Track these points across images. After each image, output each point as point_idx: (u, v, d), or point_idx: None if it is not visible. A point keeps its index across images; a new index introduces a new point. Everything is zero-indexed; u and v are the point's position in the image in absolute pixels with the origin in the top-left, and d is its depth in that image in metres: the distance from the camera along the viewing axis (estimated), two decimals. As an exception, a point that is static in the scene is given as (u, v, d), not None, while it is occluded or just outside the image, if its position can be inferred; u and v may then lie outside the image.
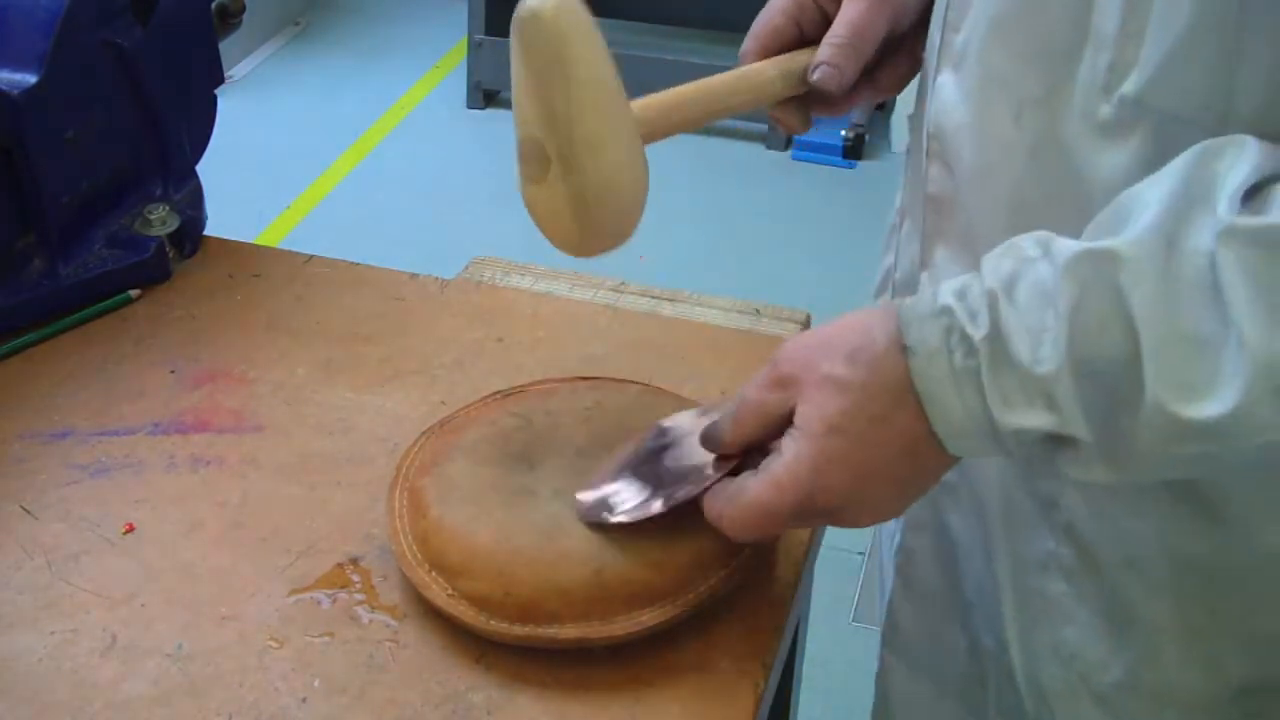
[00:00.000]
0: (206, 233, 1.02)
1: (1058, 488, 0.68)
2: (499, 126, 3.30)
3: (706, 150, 3.15)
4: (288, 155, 3.16)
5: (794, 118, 0.80)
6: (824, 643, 1.85)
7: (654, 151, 0.71)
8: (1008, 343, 0.55)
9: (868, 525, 0.65)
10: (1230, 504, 0.63)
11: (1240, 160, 0.53)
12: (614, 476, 0.71)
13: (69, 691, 0.66)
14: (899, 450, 0.60)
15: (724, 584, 0.69)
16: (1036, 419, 0.56)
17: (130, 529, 0.76)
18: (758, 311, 0.96)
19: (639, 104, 0.72)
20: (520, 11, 0.65)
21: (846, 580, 2.00)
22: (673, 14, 3.60)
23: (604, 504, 0.70)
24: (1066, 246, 0.55)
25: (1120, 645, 0.68)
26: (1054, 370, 0.54)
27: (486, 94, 3.36)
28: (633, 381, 0.82)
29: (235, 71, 3.47)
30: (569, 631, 0.66)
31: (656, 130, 0.73)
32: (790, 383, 0.63)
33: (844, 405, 0.60)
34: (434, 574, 0.69)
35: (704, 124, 0.75)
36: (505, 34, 0.68)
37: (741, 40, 0.80)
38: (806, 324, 0.95)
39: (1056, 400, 0.55)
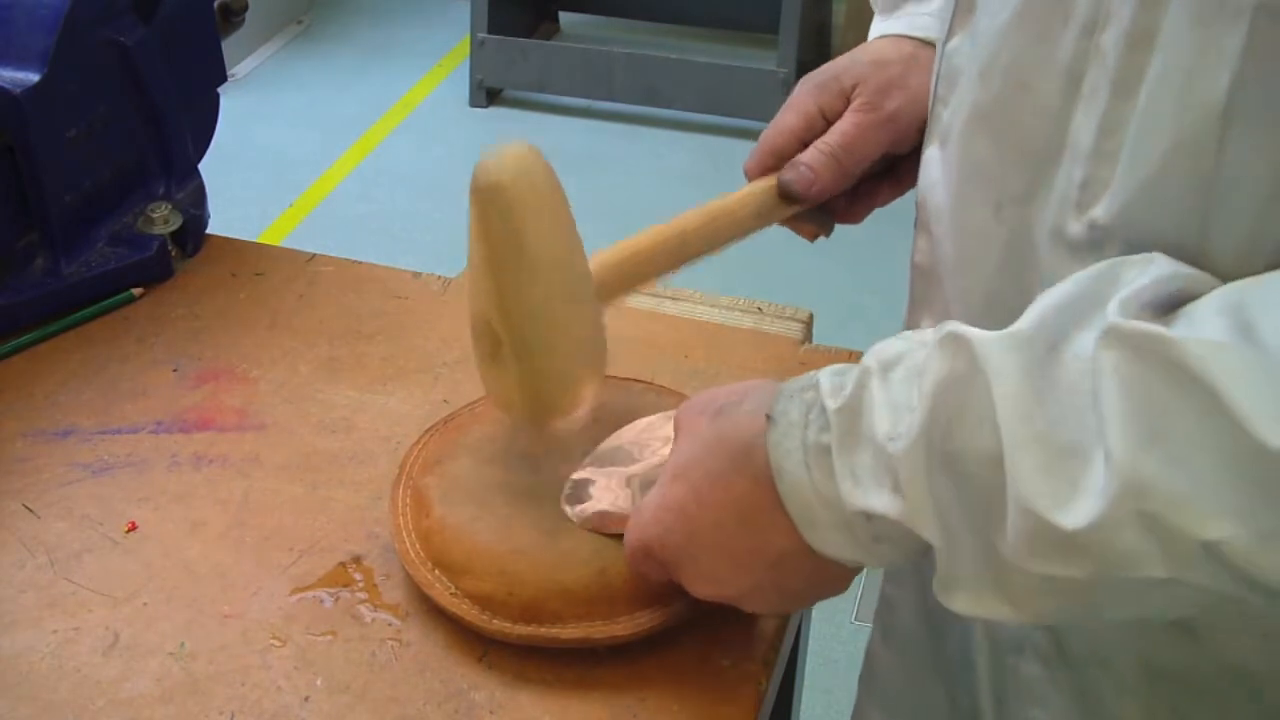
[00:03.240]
0: (209, 231, 1.02)
1: None
2: (502, 125, 3.30)
3: (708, 149, 3.15)
4: (290, 154, 3.16)
5: (807, 228, 0.80)
6: (826, 642, 1.86)
7: (655, 150, 0.70)
8: (864, 417, 0.53)
9: (707, 596, 0.63)
10: (1207, 623, 0.60)
11: (1147, 270, 0.50)
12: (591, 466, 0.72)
13: (71, 690, 0.66)
14: (735, 516, 0.59)
15: (727, 583, 0.69)
16: (882, 502, 0.53)
17: (133, 528, 0.76)
18: (760, 310, 0.95)
19: (599, 264, 0.70)
20: (479, 181, 0.63)
21: (849, 579, 2.00)
22: (675, 13, 3.60)
23: (579, 492, 0.70)
24: (950, 325, 0.52)
25: None
26: (905, 448, 0.51)
27: (489, 92, 3.36)
28: (636, 380, 0.82)
29: (238, 70, 3.47)
30: (572, 631, 0.66)
31: (617, 293, 0.72)
32: (676, 429, 0.64)
33: (691, 455, 0.61)
34: (437, 573, 0.69)
35: (668, 274, 0.74)
36: (508, 33, 0.68)
37: (744, 38, 0.80)
38: (809, 323, 0.95)
39: (903, 484, 0.52)
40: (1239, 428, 0.44)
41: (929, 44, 0.78)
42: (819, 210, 0.78)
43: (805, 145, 0.77)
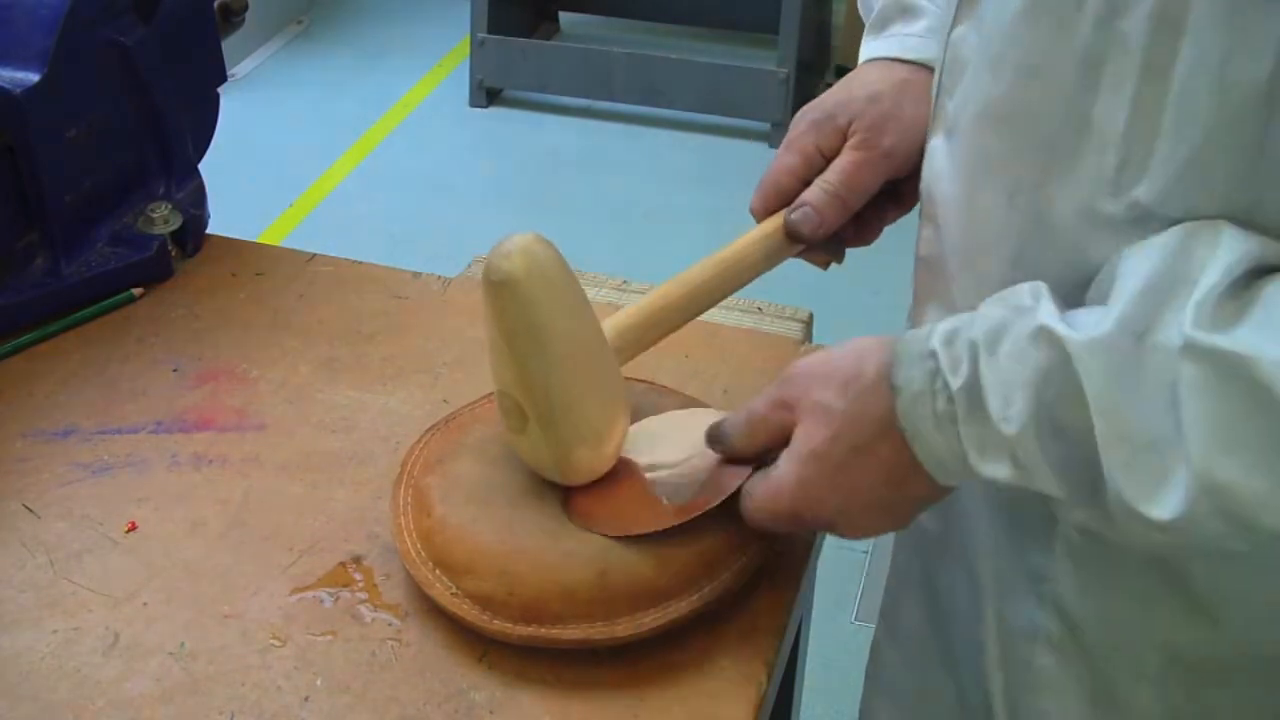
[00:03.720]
0: (209, 231, 1.02)
1: (1049, 561, 0.67)
2: (501, 125, 3.30)
3: (708, 149, 3.15)
4: (290, 153, 3.16)
5: (819, 258, 0.83)
6: (826, 642, 1.85)
7: (655, 150, 0.71)
8: (982, 394, 0.57)
9: (865, 538, 0.67)
10: (1224, 604, 0.62)
11: (1217, 257, 0.53)
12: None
13: (71, 690, 0.66)
14: (882, 479, 0.62)
15: (728, 585, 0.69)
16: (1005, 472, 0.57)
17: (133, 527, 0.76)
18: (760, 310, 0.95)
19: (616, 329, 0.73)
20: (491, 275, 0.66)
21: (849, 579, 2.00)
22: (675, 13, 3.60)
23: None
24: (1044, 312, 0.56)
25: None
26: (1018, 432, 0.56)
27: (489, 92, 3.36)
28: (638, 379, 0.82)
29: (238, 70, 3.47)
30: (572, 632, 0.66)
31: (634, 352, 0.75)
32: (791, 404, 0.65)
33: (829, 433, 0.63)
34: (438, 572, 0.69)
35: (684, 325, 0.77)
36: (508, 32, 0.69)
37: (744, 38, 0.80)
38: (809, 323, 0.95)
39: (1021, 460, 0.57)
40: None
41: (920, 65, 0.79)
42: (829, 239, 0.79)
43: (806, 183, 0.78)
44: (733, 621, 0.70)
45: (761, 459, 0.68)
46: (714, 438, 0.70)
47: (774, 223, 0.78)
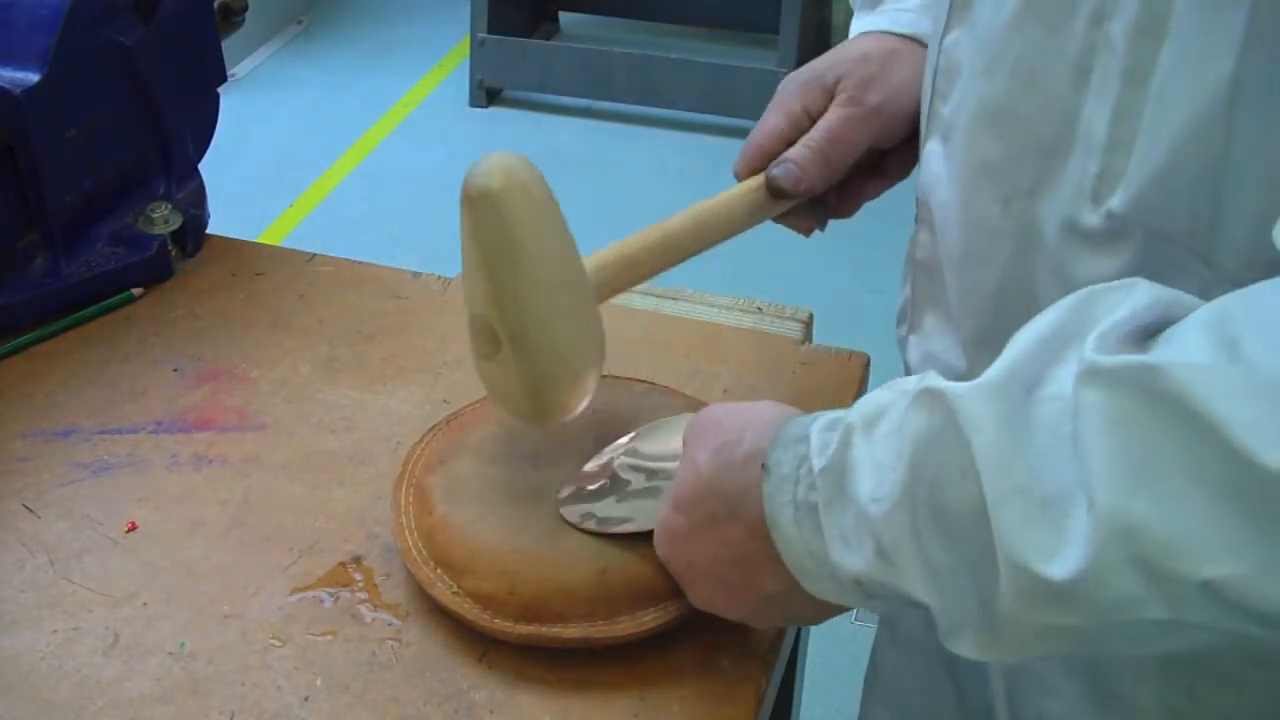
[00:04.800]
0: (209, 231, 1.02)
1: None
2: (502, 125, 3.30)
3: (708, 148, 3.15)
4: (290, 153, 3.16)
5: (802, 223, 0.81)
6: (826, 642, 1.85)
7: (655, 150, 0.71)
8: (849, 476, 0.53)
9: (710, 612, 0.64)
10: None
11: (1125, 300, 0.48)
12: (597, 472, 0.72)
13: (71, 690, 0.66)
14: (729, 557, 0.60)
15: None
16: (869, 566, 0.52)
17: (133, 527, 0.76)
18: (760, 310, 0.95)
19: (594, 263, 0.71)
20: (469, 189, 0.65)
21: (849, 579, 2.00)
22: (675, 13, 3.60)
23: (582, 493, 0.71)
24: (929, 379, 0.51)
25: None
26: (887, 511, 0.51)
27: (489, 92, 3.36)
28: (639, 380, 0.82)
29: (238, 70, 3.47)
30: (573, 631, 0.66)
31: (612, 291, 0.73)
32: (685, 446, 0.64)
33: (690, 491, 0.61)
34: (439, 571, 0.69)
35: (661, 273, 0.75)
36: (508, 32, 0.69)
37: (744, 38, 0.80)
38: (809, 322, 0.95)
39: (888, 548, 0.51)
40: (1233, 452, 0.41)
41: (910, 39, 0.79)
42: (812, 204, 0.79)
43: (792, 144, 0.77)
44: (733, 622, 0.70)
45: None
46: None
47: (757, 180, 0.78)
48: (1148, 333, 0.47)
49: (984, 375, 0.49)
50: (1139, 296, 0.48)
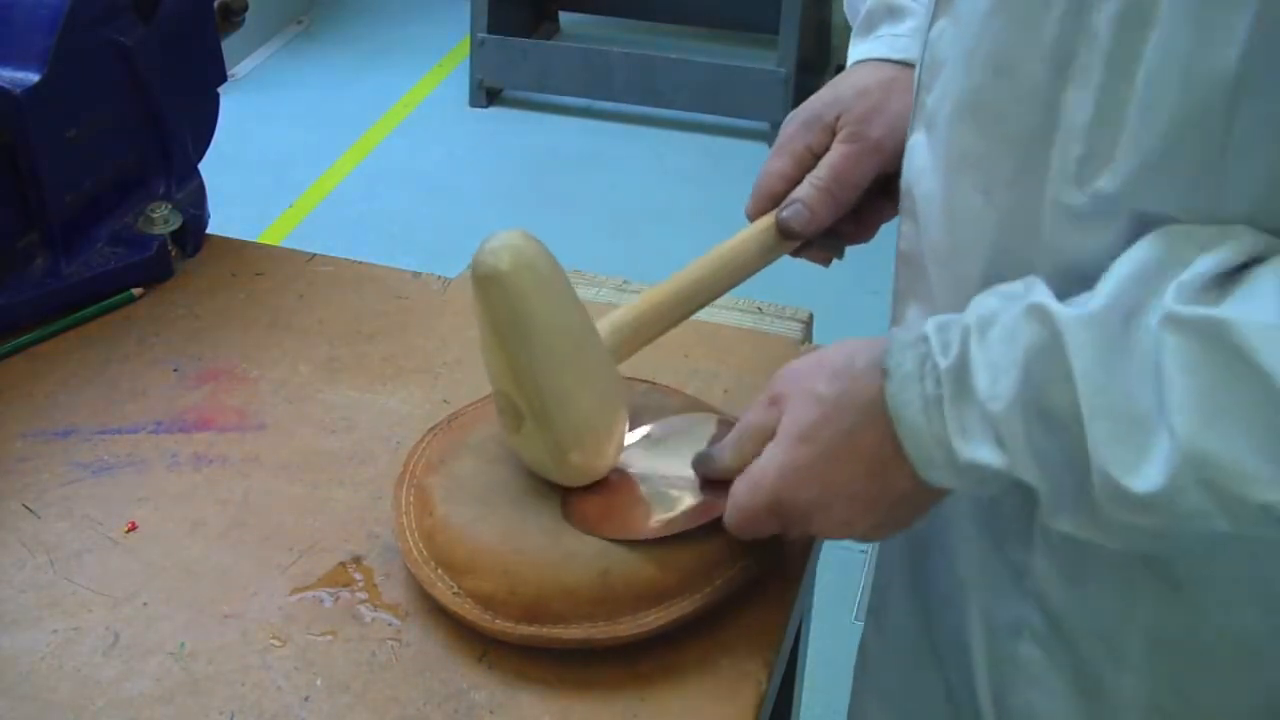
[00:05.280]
0: (209, 231, 1.02)
1: (1029, 556, 0.67)
2: (502, 125, 3.30)
3: (708, 148, 3.15)
4: (290, 154, 3.16)
5: (819, 255, 0.83)
6: (826, 641, 1.85)
7: (655, 150, 0.71)
8: (970, 375, 0.57)
9: (841, 537, 0.66)
10: (1204, 588, 0.62)
11: (1220, 244, 0.53)
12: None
13: (71, 690, 0.66)
14: (865, 468, 0.62)
15: (729, 585, 0.69)
16: (988, 455, 0.57)
17: (133, 527, 0.76)
18: (760, 310, 0.95)
19: (609, 326, 0.73)
20: (478, 270, 0.66)
21: (849, 578, 2.00)
22: (675, 13, 3.60)
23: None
24: (1037, 293, 0.56)
25: (1089, 715, 0.68)
26: (1004, 409, 0.56)
27: (489, 92, 3.36)
28: (640, 380, 0.82)
29: (238, 70, 3.47)
30: (574, 632, 0.66)
31: (629, 351, 0.75)
32: (780, 399, 0.65)
33: (815, 417, 0.63)
34: (439, 571, 0.69)
35: (679, 323, 0.77)
36: (508, 32, 0.69)
37: (744, 38, 0.80)
38: (809, 323, 0.95)
39: (1005, 440, 0.56)
40: None
41: (907, 65, 0.79)
42: (827, 236, 0.80)
43: (798, 184, 0.78)
44: (733, 621, 0.70)
45: None
46: (701, 462, 0.70)
47: (768, 220, 0.79)
48: (1231, 275, 0.52)
49: (1088, 306, 0.54)
50: (1233, 244, 0.53)
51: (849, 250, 0.84)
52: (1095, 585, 0.65)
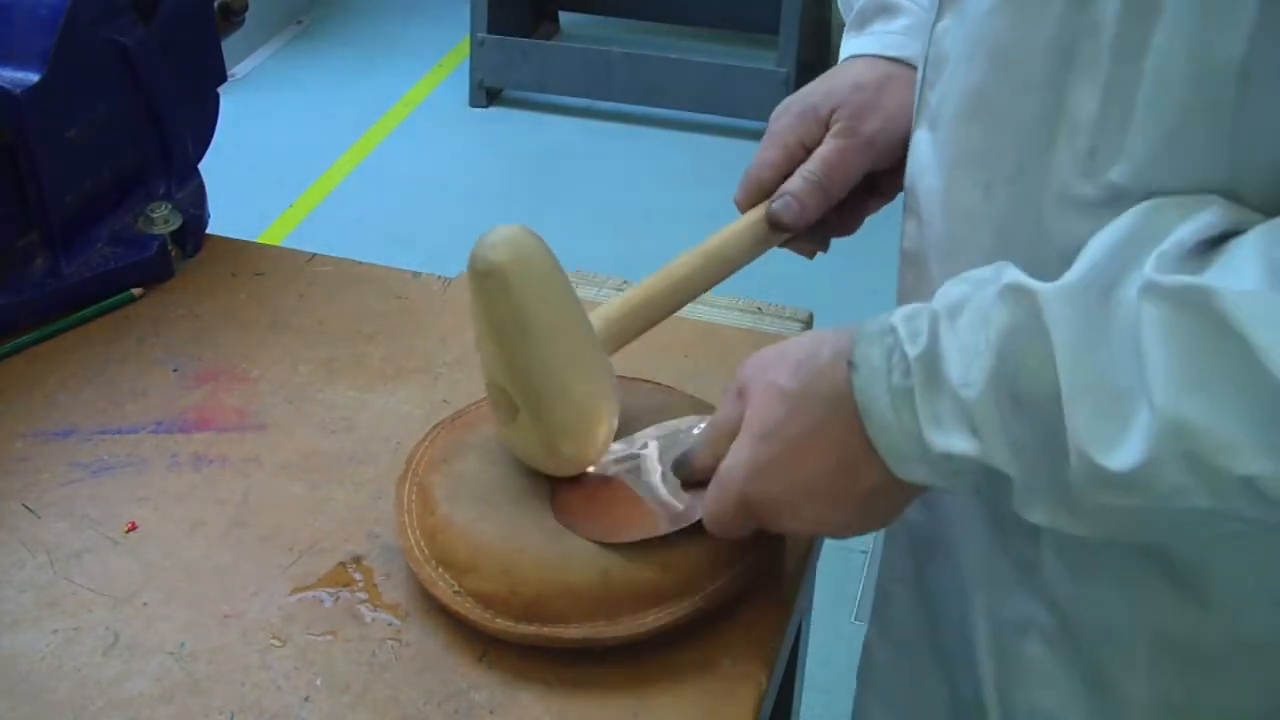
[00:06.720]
0: (209, 231, 1.02)
1: (1037, 553, 0.67)
2: (501, 125, 3.30)
3: (708, 149, 3.15)
4: (290, 154, 3.16)
5: (805, 246, 0.82)
6: (826, 641, 1.85)
7: (655, 150, 0.71)
8: (941, 362, 0.56)
9: (811, 534, 0.66)
10: (1214, 586, 0.62)
11: (1198, 215, 0.52)
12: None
13: (71, 690, 0.66)
14: (834, 463, 0.61)
15: (730, 585, 0.69)
16: (962, 444, 0.56)
17: (133, 527, 0.76)
18: (759, 310, 0.95)
19: (601, 318, 0.73)
20: (476, 264, 0.66)
21: (849, 579, 2.00)
22: (675, 13, 3.60)
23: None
24: (1011, 274, 0.55)
25: (1098, 714, 0.68)
26: (978, 395, 0.55)
27: (489, 92, 3.36)
28: (644, 380, 0.82)
29: (238, 70, 3.47)
30: (574, 631, 0.66)
31: (622, 342, 0.75)
32: (745, 393, 0.65)
33: (779, 413, 0.62)
34: (440, 570, 0.69)
35: (673, 314, 0.77)
36: (508, 32, 0.69)
37: (744, 38, 0.80)
38: (809, 323, 0.95)
39: (979, 428, 0.55)
40: (1267, 372, 0.47)
41: (900, 62, 0.79)
42: (814, 229, 0.80)
43: (788, 176, 0.78)
44: (733, 621, 0.70)
45: None
46: (679, 465, 0.70)
47: (757, 213, 0.79)
48: (1211, 245, 0.51)
49: (1066, 277, 0.53)
50: (1207, 213, 0.52)
51: (849, 250, 0.85)
52: (1103, 583, 0.65)
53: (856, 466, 0.60)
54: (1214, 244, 0.52)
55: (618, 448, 0.74)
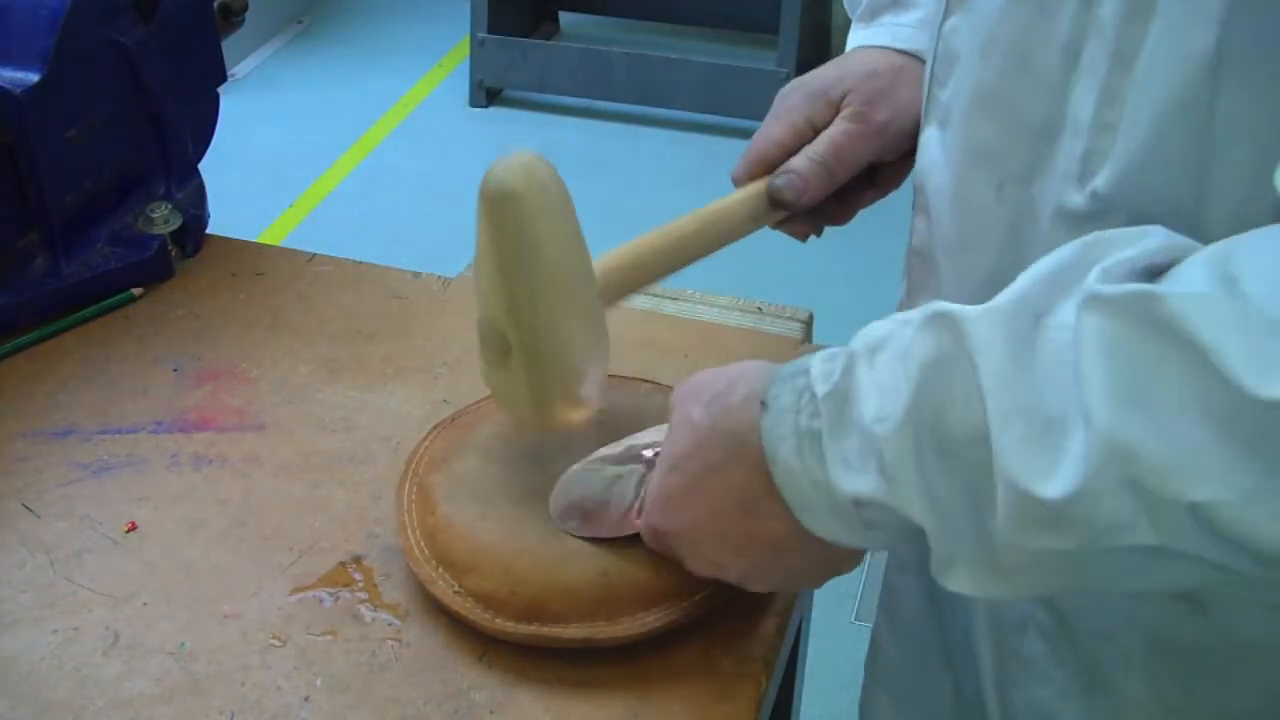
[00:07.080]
0: (209, 231, 1.02)
1: None
2: (501, 125, 3.30)
3: (708, 148, 3.15)
4: (290, 154, 3.16)
5: (799, 228, 0.82)
6: (826, 641, 1.85)
7: (655, 150, 0.71)
8: (852, 402, 0.53)
9: (712, 576, 0.64)
10: (1213, 591, 0.61)
11: (1137, 241, 0.49)
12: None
13: (71, 690, 0.66)
14: (733, 504, 0.59)
15: (730, 586, 0.69)
16: (869, 485, 0.52)
17: (132, 527, 0.76)
18: (760, 310, 0.95)
19: (602, 268, 0.71)
20: (489, 189, 0.63)
21: (849, 579, 1.99)
22: (675, 13, 3.60)
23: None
24: (936, 305, 0.52)
25: (1095, 712, 0.67)
26: (891, 431, 0.51)
27: (489, 92, 3.36)
28: (642, 380, 0.82)
29: (238, 70, 3.47)
30: (574, 631, 0.66)
31: (617, 296, 0.73)
32: (671, 415, 0.64)
33: (687, 446, 0.61)
34: (440, 570, 0.69)
35: (663, 278, 0.76)
36: (508, 32, 0.68)
37: (744, 38, 0.80)
38: (809, 323, 0.95)
39: (889, 467, 0.52)
40: (1223, 380, 0.43)
41: (912, 55, 0.79)
42: (810, 212, 0.79)
43: (793, 154, 0.78)
44: (733, 620, 0.70)
45: None
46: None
47: (757, 187, 0.78)
48: (1155, 271, 0.48)
49: (994, 301, 0.50)
50: (1151, 240, 0.49)
51: (850, 249, 0.85)
52: None
53: (759, 511, 0.58)
54: (1160, 272, 0.48)
55: (617, 448, 0.74)
